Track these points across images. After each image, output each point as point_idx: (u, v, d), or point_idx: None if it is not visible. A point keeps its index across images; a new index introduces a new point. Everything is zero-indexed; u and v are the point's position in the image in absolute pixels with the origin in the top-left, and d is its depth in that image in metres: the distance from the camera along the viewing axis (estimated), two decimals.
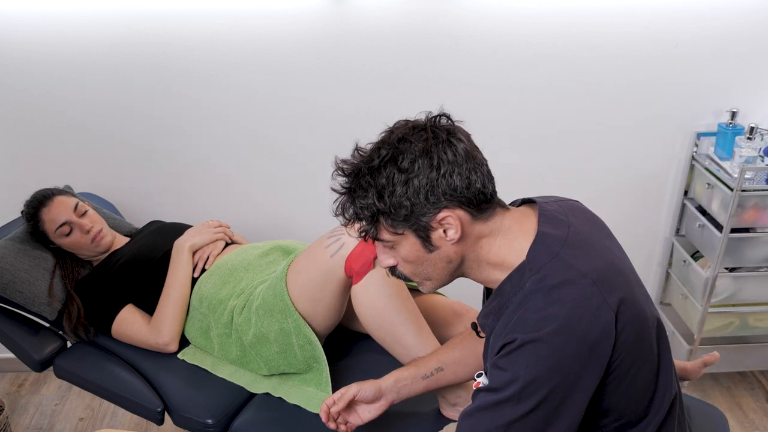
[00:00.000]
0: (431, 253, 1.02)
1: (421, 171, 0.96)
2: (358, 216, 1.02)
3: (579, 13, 1.99)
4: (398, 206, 0.97)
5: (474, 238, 1.02)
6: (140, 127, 2.13)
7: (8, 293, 1.72)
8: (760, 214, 2.01)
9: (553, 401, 0.94)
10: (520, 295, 0.99)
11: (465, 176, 0.97)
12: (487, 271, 1.05)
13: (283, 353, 1.54)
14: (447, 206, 0.98)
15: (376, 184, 0.98)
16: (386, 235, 1.02)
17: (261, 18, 1.97)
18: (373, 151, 1.01)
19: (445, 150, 0.97)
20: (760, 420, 2.23)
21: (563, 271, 0.97)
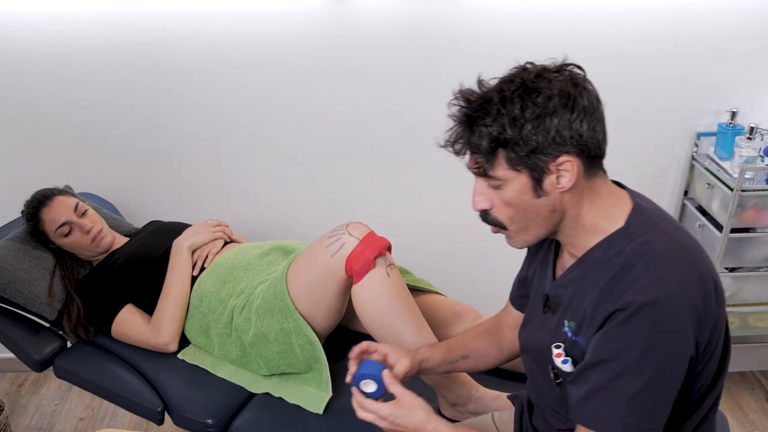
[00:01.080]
0: (538, 199, 0.99)
1: (556, 110, 0.94)
2: (476, 146, 0.98)
3: (579, 13, 1.99)
4: (526, 140, 0.94)
5: (580, 192, 1.00)
6: (140, 127, 2.13)
7: (8, 293, 1.72)
8: (760, 214, 2.01)
9: (670, 368, 0.95)
10: (621, 259, 0.98)
11: (592, 126, 0.96)
12: (578, 234, 1.04)
13: (284, 353, 1.54)
14: (569, 151, 0.96)
15: (508, 113, 0.95)
16: (500, 170, 0.98)
17: (261, 18, 1.97)
18: (504, 83, 0.98)
19: (582, 94, 0.96)
20: (760, 420, 2.23)
21: (666, 239, 0.98)
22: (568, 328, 1.06)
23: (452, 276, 2.31)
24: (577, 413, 1.01)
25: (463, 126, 1.00)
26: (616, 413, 0.96)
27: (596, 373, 0.98)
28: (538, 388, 1.20)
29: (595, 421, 0.98)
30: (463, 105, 1.00)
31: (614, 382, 0.96)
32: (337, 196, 2.27)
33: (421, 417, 1.13)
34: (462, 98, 1.01)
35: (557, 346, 1.08)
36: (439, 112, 2.30)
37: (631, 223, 1.00)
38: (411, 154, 2.19)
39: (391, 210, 2.28)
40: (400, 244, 1.75)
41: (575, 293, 1.05)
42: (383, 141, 2.17)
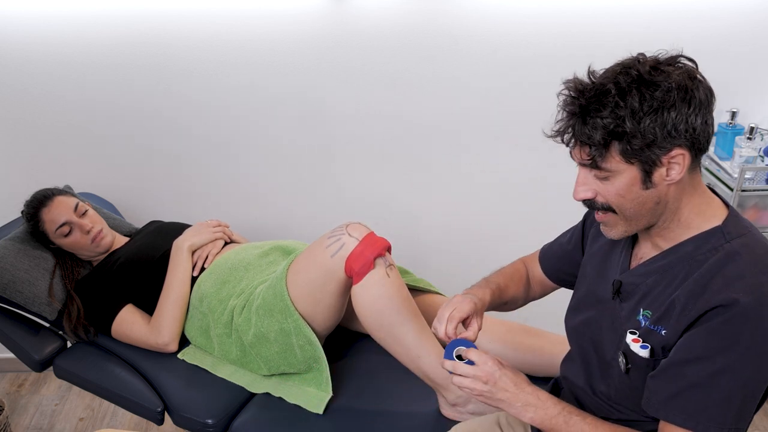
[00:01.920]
0: (646, 191, 0.99)
1: (675, 103, 0.94)
2: (589, 137, 0.96)
3: (579, 13, 1.99)
4: (644, 133, 0.94)
5: (683, 186, 1.01)
6: (140, 127, 2.13)
7: (8, 293, 1.72)
8: (760, 214, 2.01)
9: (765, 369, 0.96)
10: (720, 255, 0.99)
11: (704, 120, 0.96)
12: (673, 227, 1.04)
13: (283, 353, 1.54)
14: (682, 144, 0.96)
15: (627, 106, 0.94)
16: (612, 163, 0.98)
17: (261, 18, 1.97)
18: (620, 74, 0.97)
19: (699, 88, 0.96)
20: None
21: (762, 244, 1.00)
22: (643, 316, 1.07)
23: (452, 276, 2.31)
24: (664, 410, 1.01)
25: (575, 117, 0.98)
26: (712, 412, 0.97)
27: (693, 370, 0.98)
28: (590, 374, 1.19)
29: (689, 418, 0.98)
30: (575, 96, 0.99)
31: (713, 380, 0.96)
32: (337, 196, 2.27)
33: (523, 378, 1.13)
34: (574, 89, 0.99)
35: (632, 332, 1.08)
36: (440, 112, 2.31)
37: (728, 224, 1.02)
38: (411, 154, 2.19)
39: (391, 210, 2.28)
40: (400, 244, 1.75)
41: (657, 283, 1.06)
42: (383, 141, 2.17)
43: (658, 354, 1.05)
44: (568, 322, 1.25)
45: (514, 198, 2.25)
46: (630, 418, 1.13)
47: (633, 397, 1.11)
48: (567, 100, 1.00)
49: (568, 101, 0.99)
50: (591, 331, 1.18)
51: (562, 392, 1.28)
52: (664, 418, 1.01)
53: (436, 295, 1.72)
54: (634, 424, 1.12)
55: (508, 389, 1.12)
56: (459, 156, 2.18)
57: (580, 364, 1.22)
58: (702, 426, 0.98)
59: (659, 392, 1.02)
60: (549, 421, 1.09)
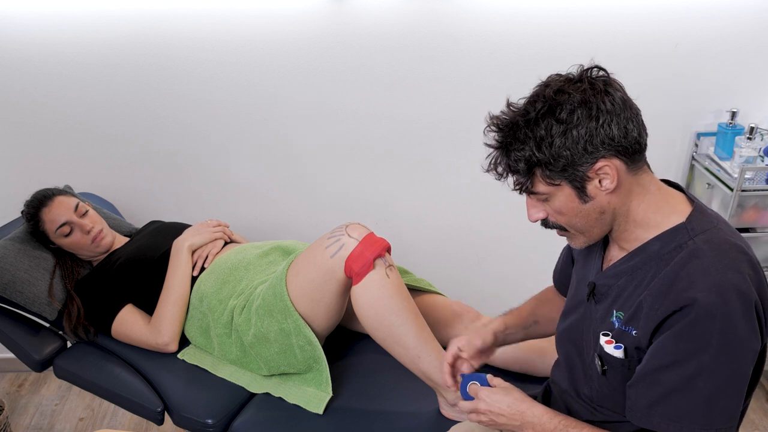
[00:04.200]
0: (585, 204, 1.03)
1: (580, 121, 0.97)
2: (513, 169, 1.03)
3: (579, 13, 1.99)
4: (557, 157, 0.98)
5: (626, 190, 1.02)
6: (140, 127, 2.13)
7: (8, 293, 1.72)
8: (760, 214, 2.01)
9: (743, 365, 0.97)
10: (684, 253, 0.99)
11: (623, 125, 0.98)
12: (630, 229, 1.06)
13: (283, 353, 1.54)
14: (604, 156, 0.98)
15: (534, 136, 0.98)
16: (541, 186, 1.03)
17: (261, 18, 1.97)
18: (529, 104, 1.01)
19: (603, 100, 0.98)
20: (760, 420, 2.23)
21: (729, 240, 1.00)
22: (616, 318, 1.07)
23: (452, 276, 2.32)
24: (647, 418, 1.02)
25: (499, 152, 1.04)
26: (695, 414, 0.97)
27: (669, 375, 0.99)
28: (574, 377, 1.21)
29: (673, 423, 0.99)
30: (496, 131, 1.04)
31: (690, 383, 0.97)
32: (337, 196, 2.27)
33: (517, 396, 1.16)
34: (495, 125, 1.04)
35: (605, 333, 1.09)
36: (439, 112, 2.31)
37: (692, 219, 1.02)
38: (411, 154, 2.19)
39: (391, 210, 2.28)
40: (400, 244, 1.76)
41: (627, 284, 1.06)
42: (383, 141, 2.17)
43: (632, 354, 1.06)
44: (557, 327, 1.26)
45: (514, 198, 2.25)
46: (612, 419, 1.14)
47: (613, 398, 1.12)
48: (490, 136, 1.05)
49: (491, 138, 1.05)
50: (574, 335, 1.19)
51: (552, 396, 1.29)
52: (649, 426, 1.02)
53: (436, 296, 1.72)
54: (618, 425, 1.12)
55: (504, 413, 1.16)
56: (459, 156, 2.18)
57: (565, 367, 1.24)
58: (687, 429, 0.98)
59: (639, 401, 1.03)
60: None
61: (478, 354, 1.33)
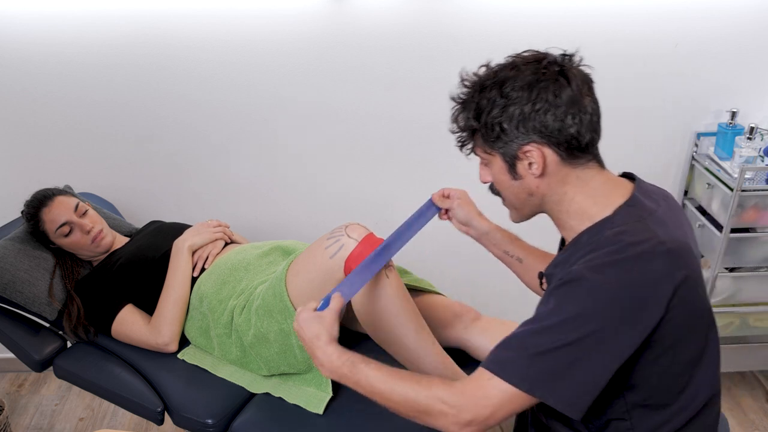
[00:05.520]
0: (515, 181, 1.07)
1: (518, 101, 1.01)
2: (460, 128, 1.10)
3: (579, 13, 1.99)
4: (491, 127, 1.03)
5: (559, 180, 1.05)
6: (140, 127, 2.13)
7: (8, 293, 1.72)
8: (760, 214, 2.01)
9: (587, 344, 0.95)
10: (593, 244, 1.01)
11: (560, 118, 1.01)
12: (564, 218, 1.09)
13: (283, 354, 1.54)
14: (535, 141, 1.02)
15: (478, 103, 1.05)
16: (479, 151, 1.10)
17: (261, 18, 1.97)
18: (490, 72, 1.06)
19: (548, 87, 1.01)
20: (760, 420, 2.23)
21: (642, 233, 0.99)
22: None
23: (452, 276, 2.32)
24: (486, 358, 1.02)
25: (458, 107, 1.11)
26: (519, 361, 0.97)
27: (519, 327, 1.01)
28: None
29: (496, 364, 0.99)
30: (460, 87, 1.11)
31: (530, 335, 0.98)
32: (337, 196, 2.27)
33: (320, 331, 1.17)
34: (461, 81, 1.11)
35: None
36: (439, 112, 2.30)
37: (618, 213, 1.03)
38: (411, 154, 2.20)
39: (391, 210, 2.28)
40: None
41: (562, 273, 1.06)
42: (383, 141, 2.17)
43: None
44: None
45: None
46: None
47: None
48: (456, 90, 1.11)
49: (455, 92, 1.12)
50: None
51: None
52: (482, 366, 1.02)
53: (436, 296, 1.72)
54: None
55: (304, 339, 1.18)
56: (459, 156, 2.17)
57: None
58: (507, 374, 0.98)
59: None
60: (336, 372, 1.14)
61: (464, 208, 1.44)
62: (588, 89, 1.05)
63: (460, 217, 1.45)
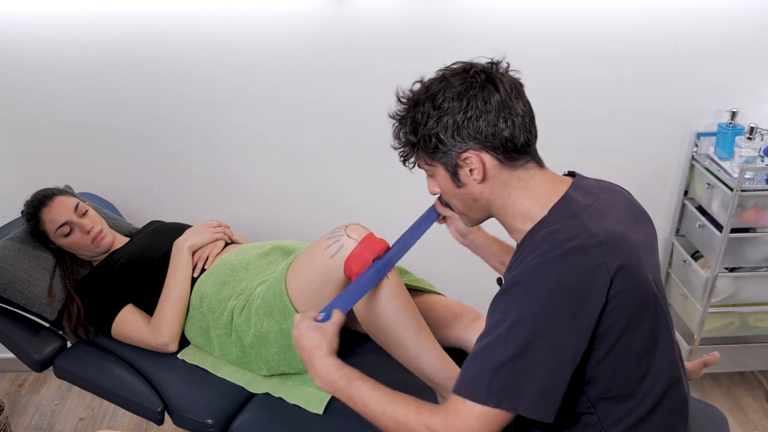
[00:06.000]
0: (459, 189, 1.10)
1: (450, 111, 1.04)
2: (402, 143, 1.14)
3: (579, 13, 1.99)
4: (427, 139, 1.07)
5: (501, 183, 1.08)
6: (140, 127, 2.13)
7: (8, 293, 1.72)
8: (760, 214, 2.01)
9: (537, 346, 0.96)
10: (531, 246, 1.02)
11: (492, 123, 1.03)
12: (510, 221, 1.11)
13: (283, 354, 1.54)
14: (472, 148, 1.05)
15: (413, 117, 1.08)
16: (422, 164, 1.13)
17: (261, 18, 1.97)
18: (422, 87, 1.10)
19: (477, 95, 1.03)
20: (760, 420, 2.23)
21: (575, 229, 1.00)
22: None
23: (452, 276, 2.31)
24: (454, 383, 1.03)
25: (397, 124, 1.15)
26: (481, 379, 0.98)
27: (479, 343, 1.02)
28: None
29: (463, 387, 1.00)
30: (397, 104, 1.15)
31: (485, 350, 0.99)
32: (337, 196, 2.27)
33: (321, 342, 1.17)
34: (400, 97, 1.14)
35: None
36: None
37: (553, 212, 1.05)
38: None
39: (391, 210, 2.28)
40: None
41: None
42: (383, 141, 2.16)
43: None
44: None
45: None
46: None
47: None
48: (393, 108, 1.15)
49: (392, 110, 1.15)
50: None
51: None
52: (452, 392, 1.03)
53: (436, 296, 1.72)
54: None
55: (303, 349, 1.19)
56: None
57: None
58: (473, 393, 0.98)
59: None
60: (332, 385, 1.15)
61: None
62: (517, 93, 1.07)
63: (459, 227, 1.48)
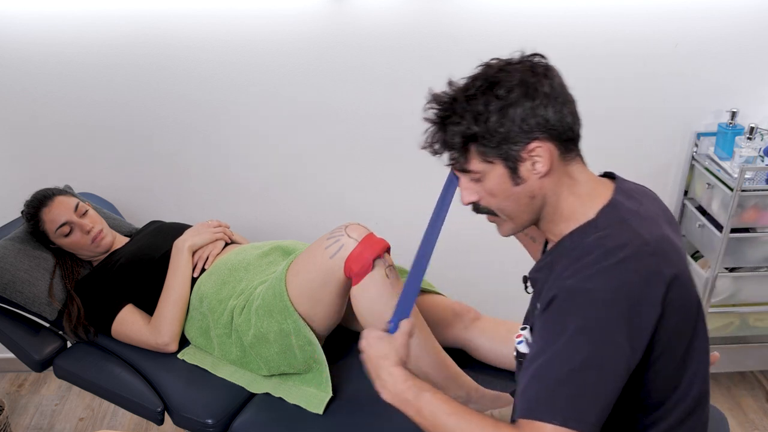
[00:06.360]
0: (517, 186, 1.03)
1: (517, 100, 0.98)
2: (449, 144, 1.04)
3: (579, 13, 1.99)
4: (493, 132, 0.99)
5: (558, 177, 1.03)
6: (140, 127, 2.13)
7: (8, 293, 1.72)
8: (760, 214, 2.01)
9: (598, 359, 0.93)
10: (578, 251, 0.99)
11: (558, 110, 0.99)
12: (556, 221, 1.06)
13: (283, 354, 1.54)
14: (538, 137, 0.99)
15: (472, 110, 1.00)
16: (475, 164, 1.03)
17: (261, 18, 1.97)
18: (470, 80, 1.03)
19: (542, 82, 1.00)
20: (760, 420, 2.23)
21: (627, 235, 0.98)
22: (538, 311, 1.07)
23: (452, 276, 2.31)
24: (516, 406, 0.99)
25: (436, 127, 1.06)
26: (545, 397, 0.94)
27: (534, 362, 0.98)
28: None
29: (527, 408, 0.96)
30: (433, 107, 1.07)
31: (544, 366, 0.95)
32: (337, 196, 2.27)
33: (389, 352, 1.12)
34: (434, 101, 1.07)
35: (524, 327, 1.11)
36: None
37: (601, 215, 1.02)
38: (411, 154, 2.19)
39: (391, 210, 2.28)
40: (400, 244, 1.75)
41: (546, 279, 1.06)
42: (383, 141, 2.17)
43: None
44: None
45: None
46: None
47: None
48: (428, 113, 1.07)
49: (430, 114, 1.07)
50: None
51: None
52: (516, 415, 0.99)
53: (436, 296, 1.72)
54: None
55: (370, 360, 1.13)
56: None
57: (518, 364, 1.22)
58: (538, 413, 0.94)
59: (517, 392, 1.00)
60: (399, 396, 1.08)
61: None
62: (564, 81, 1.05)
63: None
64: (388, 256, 1.49)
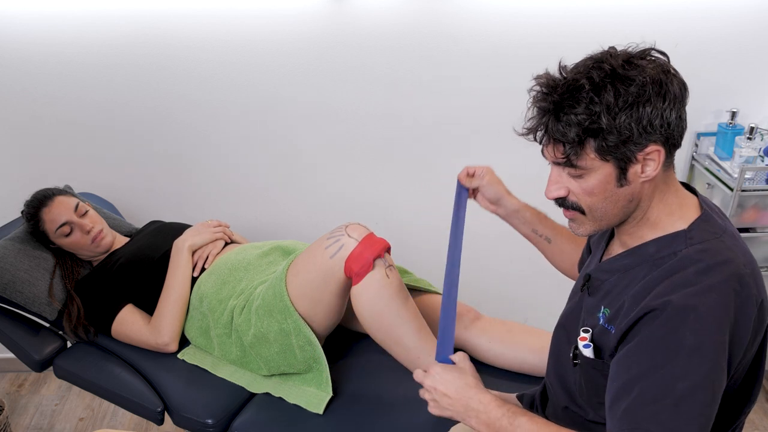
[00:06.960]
0: (620, 188, 0.96)
1: (650, 98, 0.91)
2: (563, 135, 0.93)
3: (579, 13, 1.99)
4: (620, 129, 0.91)
5: (657, 183, 0.98)
6: (140, 127, 2.13)
7: (8, 293, 1.72)
8: (760, 214, 2.01)
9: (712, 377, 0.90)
10: (674, 261, 0.96)
11: (679, 114, 0.94)
12: (640, 226, 1.02)
13: (283, 353, 1.54)
14: (657, 140, 0.93)
15: (602, 101, 0.90)
16: (587, 160, 0.95)
17: (261, 18, 1.97)
18: (593, 69, 0.93)
19: (673, 82, 0.93)
20: (760, 420, 2.23)
21: (726, 253, 0.95)
22: (602, 314, 1.04)
23: None
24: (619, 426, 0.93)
25: (548, 114, 0.95)
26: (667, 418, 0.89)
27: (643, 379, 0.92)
28: (560, 368, 1.16)
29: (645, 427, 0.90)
30: (547, 92, 0.95)
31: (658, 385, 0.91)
32: (338, 196, 2.27)
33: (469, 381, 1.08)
34: (546, 84, 0.96)
35: (585, 330, 1.06)
36: (439, 112, 2.31)
37: (694, 228, 0.98)
38: (411, 154, 2.19)
39: (391, 210, 2.28)
40: (401, 244, 1.76)
41: (619, 282, 1.03)
42: (383, 141, 2.17)
43: (604, 356, 1.02)
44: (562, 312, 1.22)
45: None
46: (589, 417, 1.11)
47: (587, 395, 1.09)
48: (538, 96, 0.96)
49: (540, 97, 0.96)
50: (567, 321, 1.15)
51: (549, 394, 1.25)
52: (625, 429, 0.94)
53: (436, 296, 1.72)
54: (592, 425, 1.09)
55: (449, 394, 1.08)
56: (459, 156, 2.18)
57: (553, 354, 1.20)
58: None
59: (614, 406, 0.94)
60: (493, 425, 1.03)
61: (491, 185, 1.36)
62: None
63: (490, 195, 1.35)
64: (389, 256, 1.49)
